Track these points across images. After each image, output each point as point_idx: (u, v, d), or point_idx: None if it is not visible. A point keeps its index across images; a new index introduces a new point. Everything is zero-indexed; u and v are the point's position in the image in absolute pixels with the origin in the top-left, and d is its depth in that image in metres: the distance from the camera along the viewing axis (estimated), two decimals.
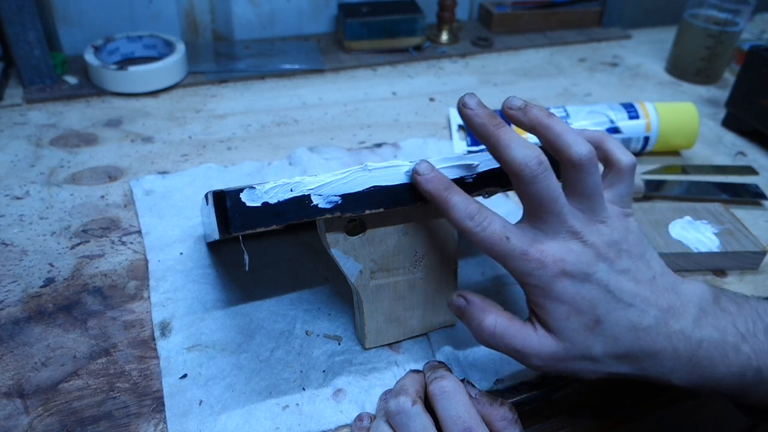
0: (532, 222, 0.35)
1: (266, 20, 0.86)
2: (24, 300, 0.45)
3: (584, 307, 0.34)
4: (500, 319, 0.35)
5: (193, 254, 0.50)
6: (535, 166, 0.33)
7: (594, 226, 0.35)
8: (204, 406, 0.38)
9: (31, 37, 0.67)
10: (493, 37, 0.91)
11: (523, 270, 0.34)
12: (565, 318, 0.34)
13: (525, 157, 0.33)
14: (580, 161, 0.34)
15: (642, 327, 0.34)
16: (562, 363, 0.35)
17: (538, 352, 0.35)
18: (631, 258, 0.35)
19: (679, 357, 0.34)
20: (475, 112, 0.35)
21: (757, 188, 0.61)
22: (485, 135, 0.35)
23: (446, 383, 0.36)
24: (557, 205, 0.34)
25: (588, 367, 0.35)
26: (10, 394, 0.38)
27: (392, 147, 0.65)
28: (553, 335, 0.35)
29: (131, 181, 0.57)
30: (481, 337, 0.36)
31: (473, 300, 0.36)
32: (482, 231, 0.34)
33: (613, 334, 0.34)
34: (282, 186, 0.34)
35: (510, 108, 0.36)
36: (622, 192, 0.37)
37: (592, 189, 0.34)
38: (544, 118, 0.35)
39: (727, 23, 0.79)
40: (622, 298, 0.34)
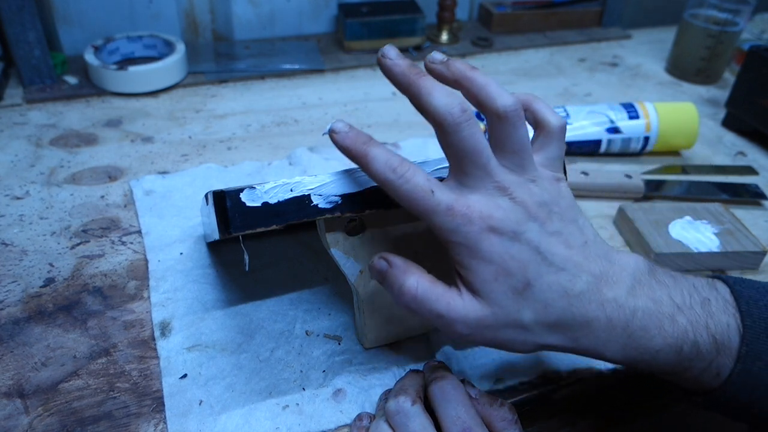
0: (457, 177, 0.33)
1: (266, 20, 0.86)
2: (24, 300, 0.45)
3: (513, 267, 0.32)
4: (422, 281, 0.33)
5: (193, 254, 0.50)
6: (459, 113, 0.31)
7: (524, 184, 0.33)
8: (204, 406, 0.38)
9: (31, 37, 0.67)
10: (493, 37, 0.91)
11: (447, 226, 0.31)
12: (493, 279, 0.32)
13: (447, 104, 0.31)
14: (506, 113, 0.32)
15: (574, 293, 0.32)
16: (489, 330, 0.33)
17: (464, 317, 0.32)
18: (563, 221, 0.33)
19: (613, 327, 0.33)
20: (395, 62, 0.33)
21: (757, 188, 0.61)
22: (406, 84, 0.33)
23: (446, 383, 0.36)
24: (483, 157, 0.32)
25: (518, 336, 0.33)
26: (10, 394, 0.38)
27: (392, 147, 0.65)
28: (479, 299, 0.32)
29: (131, 181, 0.57)
30: (403, 301, 0.33)
31: (395, 262, 0.33)
32: (405, 183, 0.31)
33: (544, 299, 0.32)
34: (282, 186, 0.34)
35: (432, 62, 0.34)
36: (552, 155, 0.35)
37: (519, 144, 0.32)
38: (467, 71, 0.33)
39: (727, 23, 0.79)
40: (554, 261, 0.32)
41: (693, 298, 0.34)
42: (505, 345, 0.34)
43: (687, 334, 0.33)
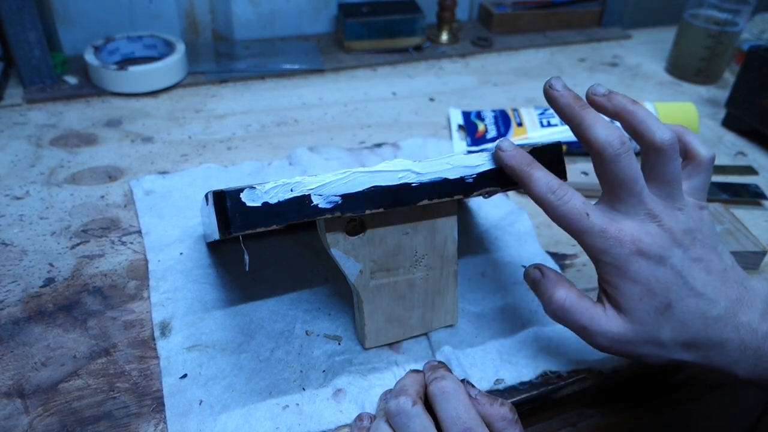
0: (610, 202, 0.36)
1: (266, 20, 0.86)
2: (24, 300, 0.45)
3: (657, 289, 0.34)
4: (571, 294, 0.36)
5: (193, 254, 0.50)
6: (618, 145, 0.34)
7: (672, 212, 0.35)
8: (204, 406, 0.38)
9: (31, 37, 0.67)
10: (493, 37, 0.91)
11: (600, 247, 0.34)
12: (638, 299, 0.34)
13: (608, 136, 0.34)
14: (663, 146, 0.35)
15: (711, 316, 0.35)
16: (628, 345, 0.35)
17: (606, 331, 0.35)
18: (705, 248, 0.36)
19: (746, 348, 0.35)
20: (561, 93, 0.36)
21: (757, 188, 0.60)
22: (570, 115, 0.36)
23: (446, 383, 0.36)
24: (637, 186, 0.35)
25: (654, 351, 0.35)
26: (10, 394, 0.38)
27: (392, 147, 0.65)
28: (622, 315, 0.35)
29: (131, 181, 0.57)
30: (551, 310, 0.36)
31: (548, 273, 0.37)
32: (563, 205, 0.34)
33: (683, 320, 0.35)
34: (282, 186, 0.34)
35: (594, 94, 0.37)
36: (698, 185, 0.38)
37: (672, 175, 0.35)
38: (628, 104, 0.36)
39: (727, 23, 0.79)
40: (694, 286, 0.35)
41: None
42: (641, 358, 0.36)
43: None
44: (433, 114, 0.72)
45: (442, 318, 0.44)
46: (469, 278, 0.49)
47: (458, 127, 0.69)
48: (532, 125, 0.64)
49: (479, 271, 0.50)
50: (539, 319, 0.45)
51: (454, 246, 0.42)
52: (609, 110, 0.37)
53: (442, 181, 0.37)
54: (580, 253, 0.52)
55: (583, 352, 0.43)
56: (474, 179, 0.38)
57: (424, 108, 0.73)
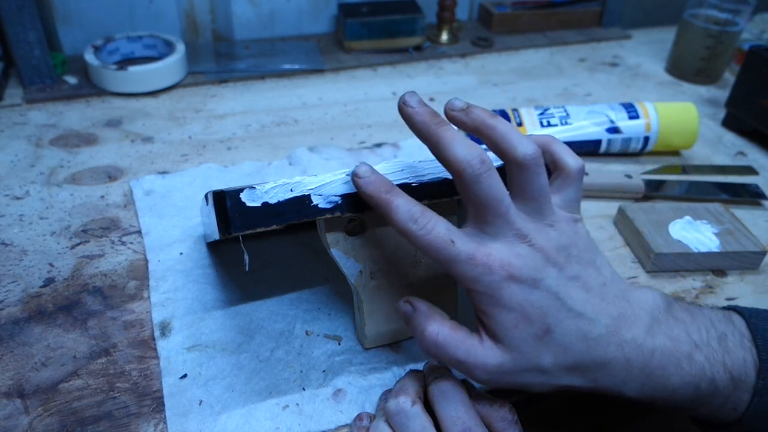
0: (477, 225, 0.33)
1: (266, 20, 0.86)
2: (24, 300, 0.45)
3: (534, 315, 0.32)
4: (443, 328, 0.33)
5: (193, 254, 0.50)
6: (478, 164, 0.32)
7: (542, 230, 0.33)
8: (204, 406, 0.38)
9: (31, 37, 0.67)
10: (493, 37, 0.91)
11: (469, 275, 0.32)
12: (514, 326, 0.32)
13: (467, 155, 0.32)
14: (525, 161, 0.32)
15: (592, 336, 0.33)
16: (509, 375, 0.33)
17: (483, 364, 0.33)
18: (581, 264, 0.34)
19: (632, 367, 0.33)
20: (416, 110, 0.33)
21: (757, 188, 0.61)
22: (426, 134, 0.33)
23: (446, 383, 0.36)
24: (502, 206, 0.32)
25: (537, 379, 0.34)
26: (10, 394, 0.38)
27: (392, 147, 0.65)
28: (500, 345, 0.33)
29: (131, 181, 0.57)
30: (423, 345, 0.34)
31: (419, 307, 0.34)
32: (426, 234, 0.32)
33: (563, 343, 0.33)
34: (282, 186, 0.34)
35: (452, 109, 0.34)
36: (570, 197, 0.36)
37: (538, 191, 0.33)
38: (487, 118, 0.34)
39: (727, 23, 0.79)
40: (573, 307, 0.33)
41: (710, 333, 0.35)
42: (525, 387, 0.34)
43: (704, 372, 0.34)
44: None
45: None
46: None
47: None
48: (532, 125, 0.64)
49: None
50: None
51: None
52: (468, 125, 0.34)
53: (442, 181, 0.37)
54: None
55: None
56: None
57: None
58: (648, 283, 0.50)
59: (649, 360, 0.33)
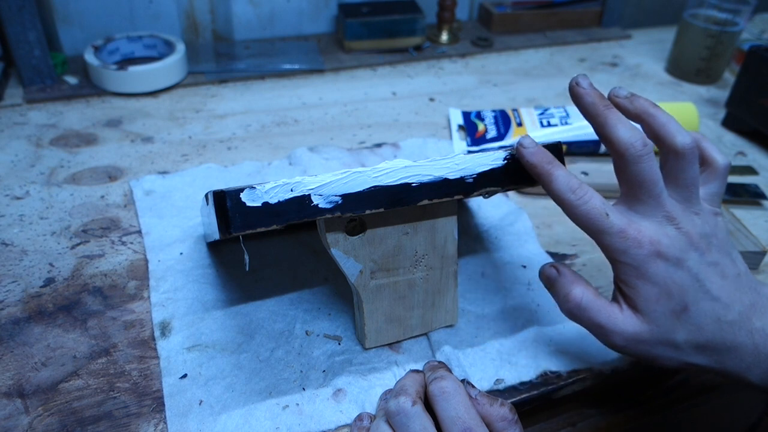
0: (629, 203, 0.36)
1: (266, 20, 0.86)
2: (24, 300, 0.45)
3: (674, 291, 0.34)
4: (587, 292, 0.36)
5: (193, 254, 0.50)
6: (641, 146, 0.34)
7: (689, 216, 0.36)
8: (204, 406, 0.38)
9: (31, 37, 0.67)
10: (493, 37, 0.91)
11: (618, 247, 0.34)
12: (655, 300, 0.35)
13: (631, 137, 0.34)
14: (684, 150, 0.35)
15: (726, 320, 0.35)
16: (643, 345, 0.35)
17: (623, 330, 0.35)
18: (720, 253, 0.36)
19: (759, 353, 0.35)
20: (587, 91, 0.36)
21: (757, 188, 0.60)
22: (594, 113, 0.36)
23: (446, 383, 0.36)
24: (657, 188, 0.35)
25: (668, 353, 0.36)
26: (10, 394, 0.38)
27: (392, 147, 0.65)
28: (639, 316, 0.35)
29: (131, 181, 0.57)
30: (567, 308, 0.37)
31: (564, 271, 0.37)
32: (583, 205, 0.35)
33: (698, 323, 0.35)
34: (282, 186, 0.34)
35: (617, 96, 0.37)
36: (714, 191, 0.38)
37: (690, 179, 0.35)
38: (649, 107, 0.36)
39: (727, 23, 0.79)
40: (710, 290, 0.35)
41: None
42: (655, 359, 0.36)
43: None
44: (433, 114, 0.72)
45: (442, 318, 0.44)
46: (469, 278, 0.49)
47: (458, 127, 0.69)
48: (532, 125, 0.64)
49: (479, 271, 0.50)
50: (539, 319, 0.45)
51: (454, 246, 0.42)
52: (630, 112, 0.37)
53: (442, 181, 0.37)
54: (580, 253, 0.52)
55: (583, 352, 0.43)
56: (474, 179, 0.38)
57: (424, 108, 0.74)
58: None
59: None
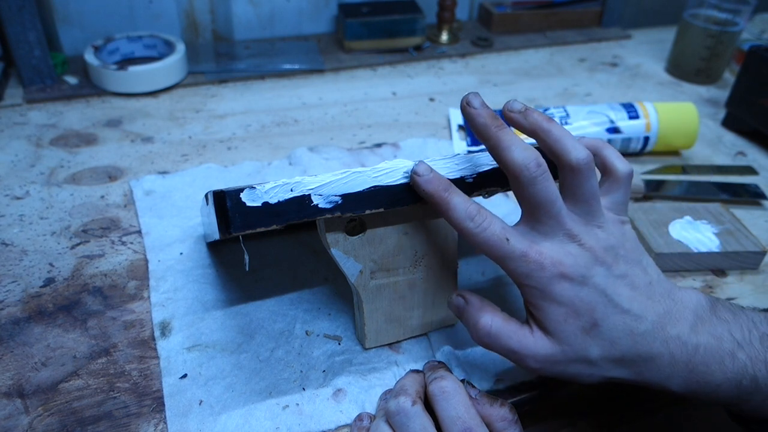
0: (530, 224, 0.36)
1: (266, 20, 0.86)
2: (24, 300, 0.45)
3: (582, 310, 0.34)
4: (496, 319, 0.35)
5: (193, 254, 0.50)
6: (534, 168, 0.33)
7: (591, 231, 0.35)
8: (204, 406, 0.38)
9: (31, 37, 0.67)
10: (493, 37, 0.91)
11: (522, 271, 0.34)
12: (563, 320, 0.34)
13: (524, 159, 0.34)
14: (579, 165, 0.34)
15: (639, 332, 0.34)
16: (558, 365, 0.35)
17: (535, 354, 0.35)
18: (628, 263, 0.35)
19: (676, 362, 0.34)
20: (478, 111, 0.35)
21: (757, 188, 0.61)
22: (486, 136, 0.35)
23: (446, 383, 0.36)
24: (555, 207, 0.34)
25: (585, 370, 0.35)
26: (10, 394, 0.38)
27: (392, 147, 0.65)
28: (550, 337, 0.35)
29: (131, 181, 0.57)
30: (477, 337, 0.36)
31: (471, 300, 0.37)
32: (482, 232, 0.34)
33: (611, 337, 0.34)
34: (282, 186, 0.34)
35: (510, 111, 0.36)
36: (618, 199, 0.37)
37: (589, 194, 0.35)
38: (543, 122, 0.35)
39: (727, 23, 0.79)
40: (619, 303, 0.34)
41: (752, 333, 0.36)
42: (573, 378, 0.36)
43: (746, 370, 0.35)
44: (433, 114, 0.72)
45: (442, 318, 0.44)
46: (469, 278, 0.49)
47: (458, 127, 0.69)
48: None
49: (479, 271, 0.50)
50: None
51: (454, 246, 0.42)
52: (525, 127, 0.36)
53: None
54: None
55: None
56: (474, 179, 0.38)
57: (424, 108, 0.74)
58: None
59: (692, 356, 0.34)
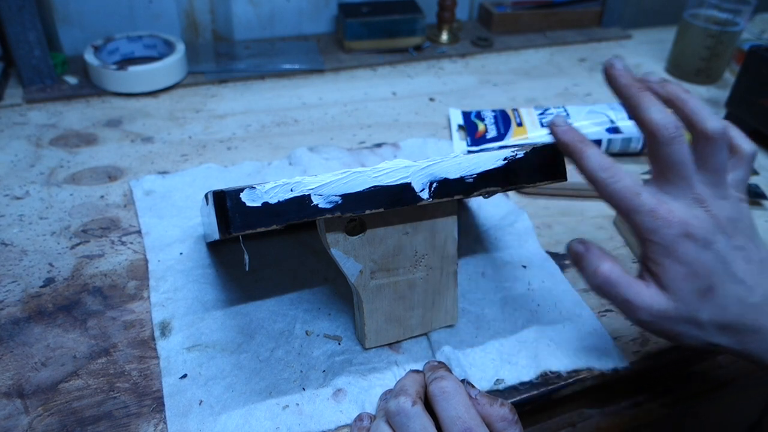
0: (660, 184, 0.37)
1: (266, 20, 0.86)
2: (24, 300, 0.45)
3: (701, 272, 0.35)
4: (616, 268, 0.36)
5: (193, 254, 0.50)
6: (673, 129, 0.35)
7: (717, 200, 0.36)
8: (204, 406, 0.38)
9: (31, 37, 0.67)
10: (493, 37, 0.91)
11: (649, 227, 0.35)
12: (682, 279, 0.35)
13: (664, 119, 0.35)
14: (714, 134, 0.35)
15: (749, 303, 0.35)
16: (668, 322, 0.36)
17: (649, 306, 0.36)
18: (746, 237, 0.36)
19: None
20: (621, 72, 0.37)
21: (757, 188, 0.60)
22: (628, 95, 0.37)
23: (446, 383, 0.36)
24: (688, 170, 0.35)
25: (692, 331, 0.36)
26: (10, 394, 0.38)
27: (392, 147, 0.65)
28: (666, 293, 0.36)
29: (131, 181, 0.57)
30: (595, 283, 0.37)
31: (591, 247, 0.37)
32: (615, 183, 0.35)
33: (722, 303, 0.35)
34: (282, 186, 0.34)
35: (649, 81, 0.38)
36: (740, 177, 0.38)
37: (719, 164, 0.36)
38: (681, 93, 0.37)
39: (727, 23, 0.79)
40: (735, 273, 0.35)
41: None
42: (678, 337, 0.37)
43: None
44: (433, 114, 0.72)
45: (442, 318, 0.44)
46: (469, 278, 0.49)
47: (458, 127, 0.69)
48: (532, 125, 0.64)
49: (479, 271, 0.50)
50: (539, 319, 0.45)
51: (454, 246, 0.42)
52: (662, 96, 0.37)
53: (442, 181, 0.37)
54: None
55: (584, 352, 0.43)
56: (474, 179, 0.38)
57: (424, 108, 0.73)
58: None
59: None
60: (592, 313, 0.46)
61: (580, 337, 0.44)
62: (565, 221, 0.56)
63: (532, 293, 0.48)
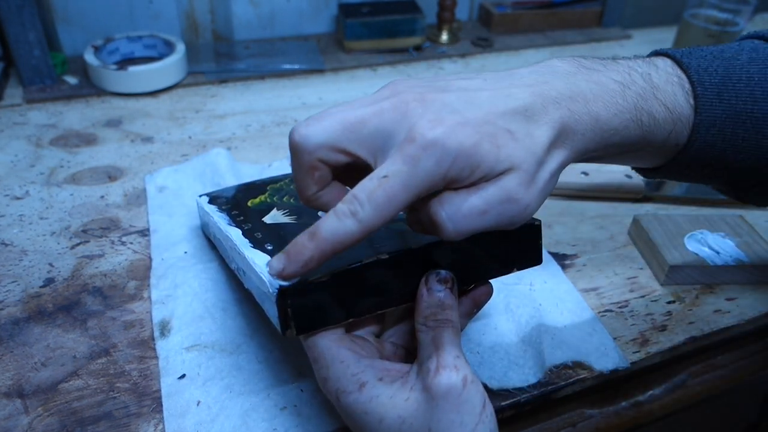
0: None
1: (266, 20, 0.86)
2: (24, 300, 0.45)
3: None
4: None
5: (196, 253, 0.49)
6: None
7: None
8: (202, 406, 0.38)
9: (31, 37, 0.67)
10: (493, 37, 0.91)
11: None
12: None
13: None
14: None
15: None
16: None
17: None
18: None
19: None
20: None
21: None
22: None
23: None
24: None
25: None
26: (10, 394, 0.38)
27: None
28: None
29: (146, 176, 0.57)
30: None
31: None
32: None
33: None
34: None
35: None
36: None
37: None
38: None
39: (727, 23, 0.79)
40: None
41: (633, 75, 0.34)
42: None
43: (641, 106, 0.33)
44: None
45: None
46: None
47: None
48: None
49: None
50: (542, 319, 0.45)
51: None
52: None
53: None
54: (580, 253, 0.52)
55: (584, 351, 0.43)
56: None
57: None
58: (657, 288, 0.50)
59: (586, 104, 0.31)
60: (593, 313, 0.46)
61: (581, 337, 0.44)
62: (565, 221, 0.56)
63: (534, 293, 0.48)
